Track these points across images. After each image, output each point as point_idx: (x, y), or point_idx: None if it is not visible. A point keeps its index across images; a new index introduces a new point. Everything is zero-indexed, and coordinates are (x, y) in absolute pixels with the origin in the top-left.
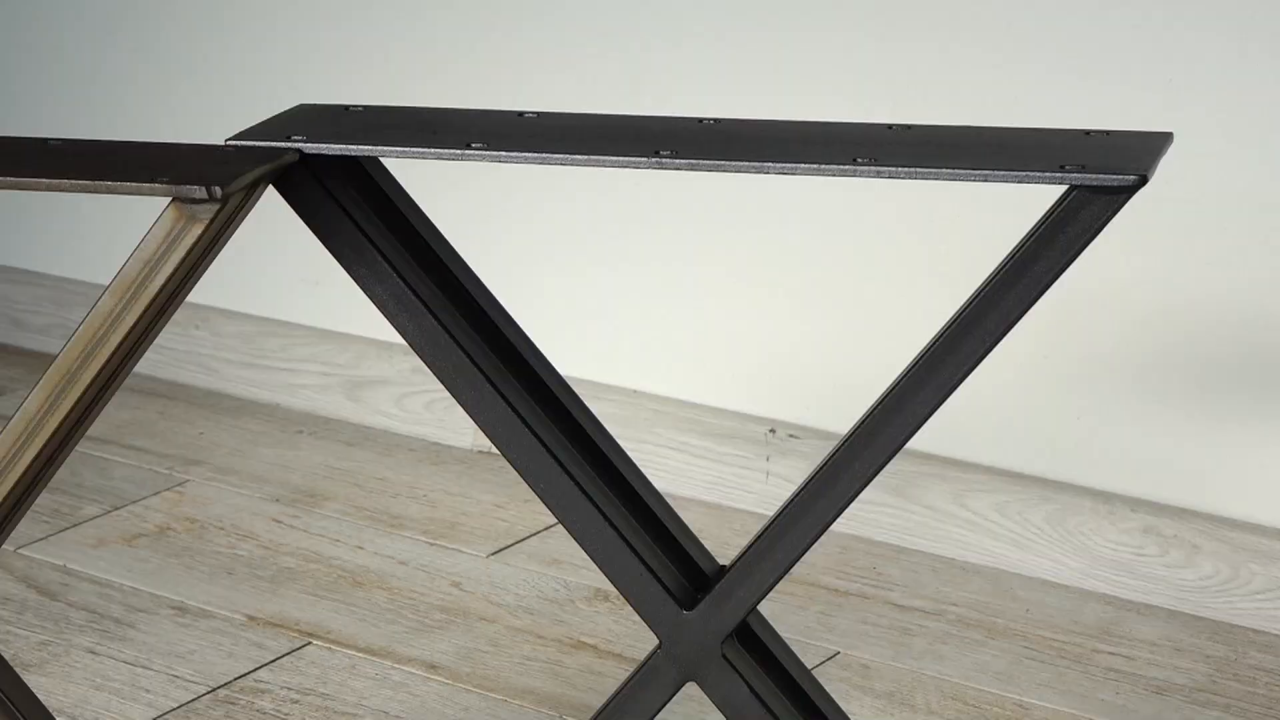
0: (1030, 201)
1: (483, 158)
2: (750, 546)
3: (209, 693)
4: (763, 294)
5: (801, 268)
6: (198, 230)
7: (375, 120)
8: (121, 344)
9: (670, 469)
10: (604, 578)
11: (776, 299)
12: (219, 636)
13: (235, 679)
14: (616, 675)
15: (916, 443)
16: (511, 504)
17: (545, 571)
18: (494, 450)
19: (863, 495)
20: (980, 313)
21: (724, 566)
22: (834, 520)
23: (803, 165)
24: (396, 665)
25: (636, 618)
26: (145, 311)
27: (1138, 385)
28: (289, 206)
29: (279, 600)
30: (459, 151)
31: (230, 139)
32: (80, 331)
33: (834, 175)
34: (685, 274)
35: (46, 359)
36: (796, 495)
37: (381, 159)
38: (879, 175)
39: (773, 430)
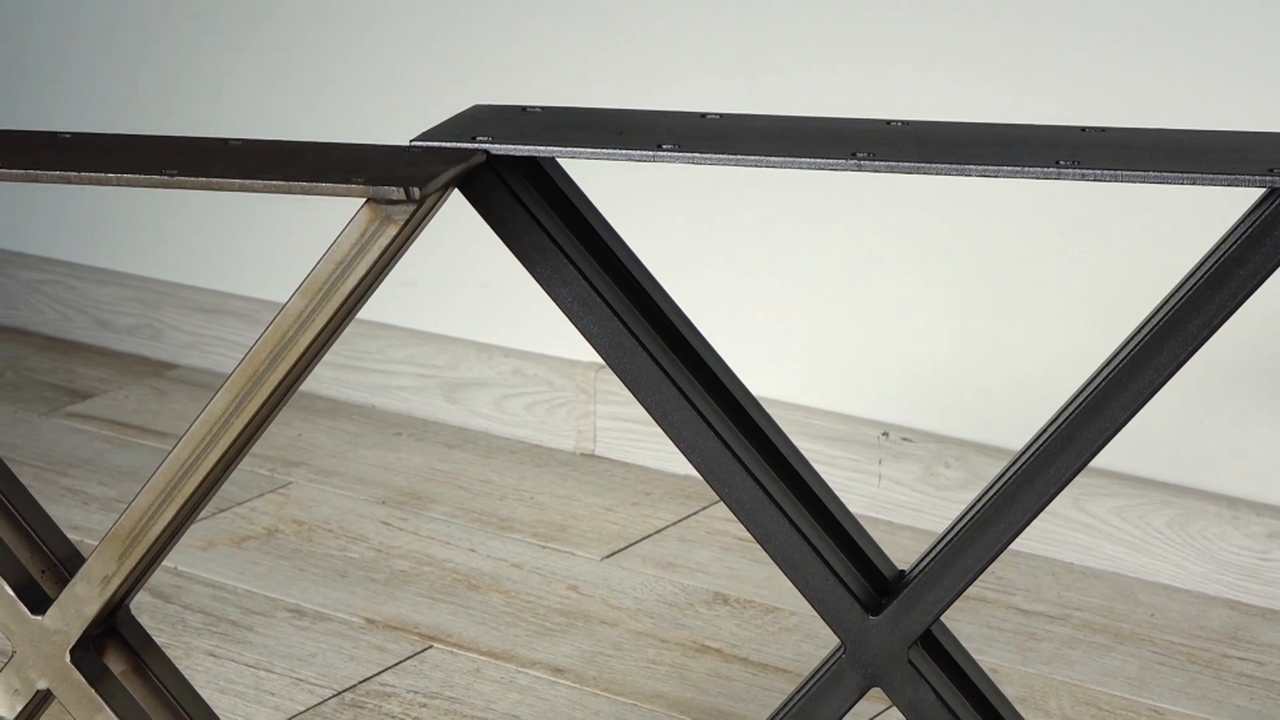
0: (1158, 207)
1: (675, 159)
2: (939, 550)
3: (334, 696)
4: (876, 296)
5: (913, 270)
6: (392, 231)
7: (556, 121)
8: (310, 346)
9: None
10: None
11: (889, 301)
12: (338, 639)
13: (360, 682)
14: (744, 680)
15: None
16: (620, 506)
17: (661, 575)
18: (596, 452)
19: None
20: (1183, 317)
21: (903, 572)
22: (1028, 524)
23: (1005, 168)
24: (521, 669)
25: (759, 622)
26: (335, 313)
27: (1263, 389)
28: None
29: (396, 603)
30: (650, 153)
31: (414, 139)
32: (268, 333)
33: (1036, 178)
34: (797, 276)
35: (133, 360)
36: (988, 497)
37: (559, 160)
38: (1083, 178)
39: (885, 433)
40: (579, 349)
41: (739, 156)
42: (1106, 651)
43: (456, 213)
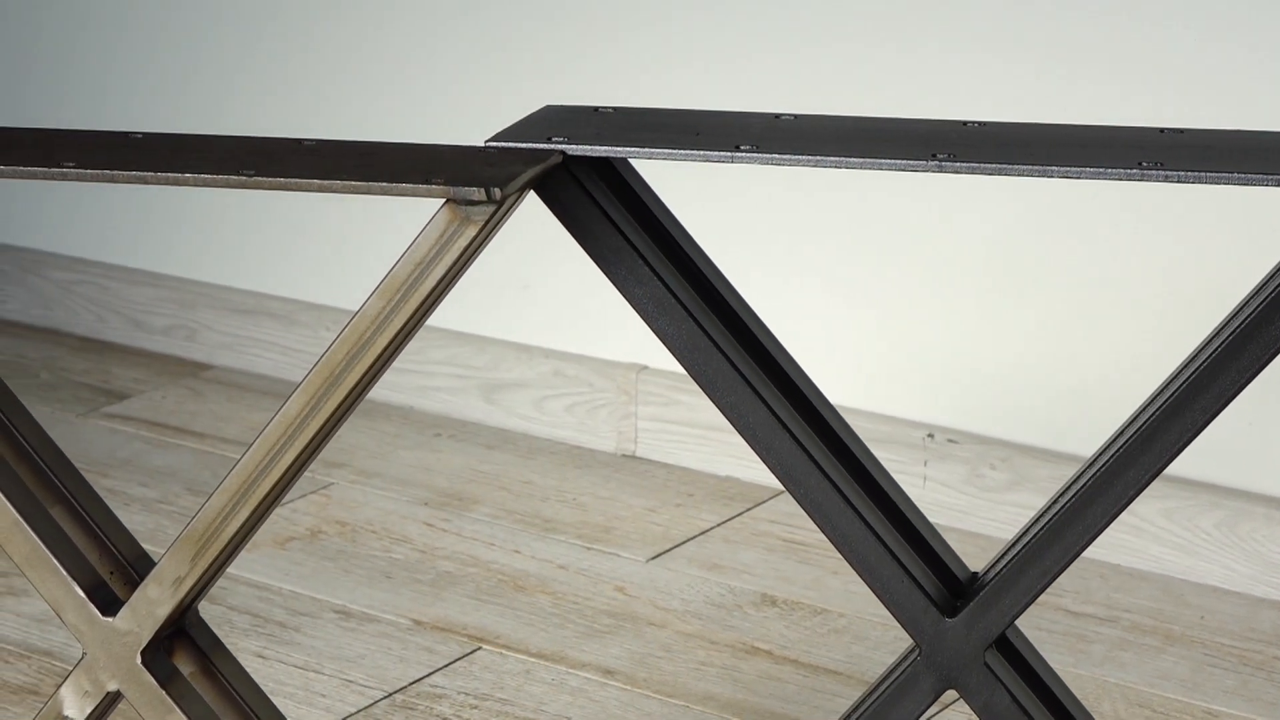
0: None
1: (753, 160)
2: (1016, 552)
3: (385, 697)
4: (921, 297)
5: (958, 272)
6: (471, 232)
7: (629, 121)
8: (387, 347)
9: None
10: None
11: (935, 303)
12: (386, 640)
13: (410, 684)
14: (796, 681)
15: (1081, 448)
16: (663, 508)
17: (708, 576)
18: (637, 454)
19: (1027, 502)
20: (1266, 319)
21: (975, 574)
22: (1106, 526)
23: (1088, 169)
24: (571, 670)
25: (808, 623)
26: (413, 315)
27: None
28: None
29: (442, 604)
30: (728, 154)
31: (490, 140)
32: (345, 334)
33: (1119, 179)
34: (840, 278)
35: (168, 360)
36: (1066, 499)
37: (631, 161)
38: (1167, 179)
39: (931, 435)
40: (620, 350)
41: (819, 157)
42: (1158, 654)
43: None
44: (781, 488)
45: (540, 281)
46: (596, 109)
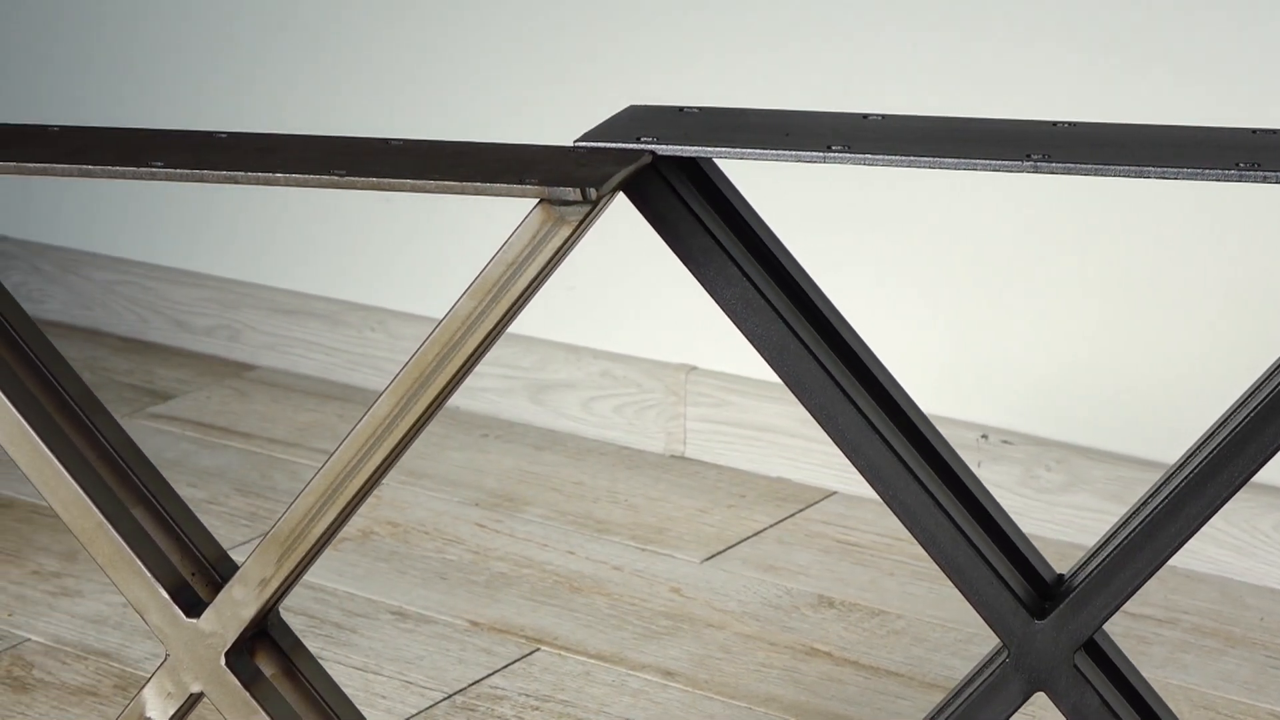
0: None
1: (846, 160)
2: (1106, 554)
3: (445, 699)
4: (974, 297)
5: (1012, 272)
6: (565, 232)
7: (716, 121)
8: (478, 348)
9: None
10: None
11: (989, 302)
12: (444, 642)
13: (469, 685)
14: (857, 683)
15: (1137, 449)
16: (715, 509)
17: (763, 578)
18: (686, 454)
19: (1083, 503)
20: None
21: (1061, 575)
22: (1198, 529)
23: (1185, 169)
24: (631, 672)
25: (867, 625)
26: (504, 315)
27: None
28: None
29: (498, 605)
30: (820, 154)
31: (578, 140)
32: (436, 335)
33: (1215, 180)
34: (893, 276)
35: (211, 361)
36: (1159, 502)
37: (716, 160)
38: (1265, 180)
39: (985, 436)
40: (669, 351)
41: (912, 158)
42: (1219, 655)
43: None
44: (834, 489)
45: (588, 282)
46: (681, 109)
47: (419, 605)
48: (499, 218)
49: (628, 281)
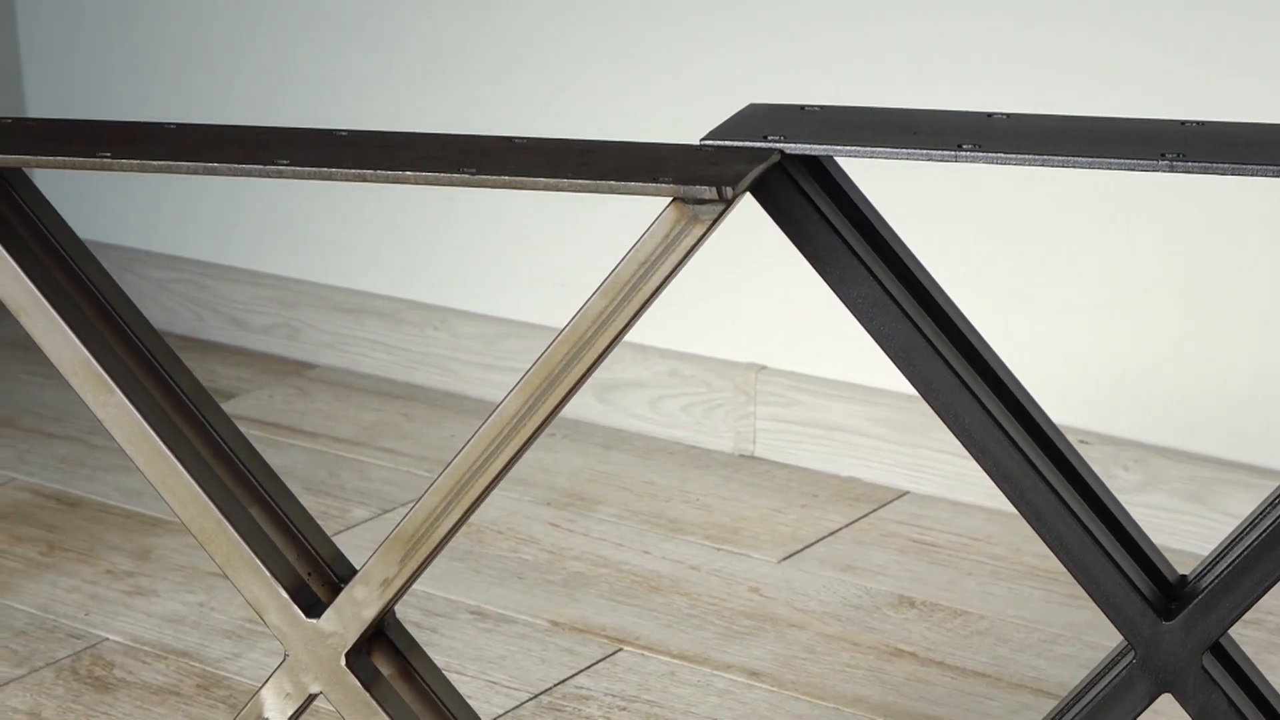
0: None
1: (977, 159)
2: (1237, 555)
3: (531, 699)
4: (1047, 297)
5: (1090, 271)
6: (699, 231)
7: (840, 120)
8: (609, 346)
9: (950, 474)
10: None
11: (1065, 301)
12: (525, 641)
13: (554, 685)
14: (944, 684)
15: (1215, 449)
16: (788, 509)
17: (842, 577)
18: (755, 454)
19: (1160, 503)
20: None
21: (1184, 576)
22: None
23: None
24: (716, 672)
25: (949, 625)
26: (635, 314)
27: None
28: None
29: (577, 605)
30: (951, 153)
31: (704, 138)
32: (566, 333)
33: None
34: (972, 275)
35: (270, 360)
36: None
37: (838, 159)
38: None
39: None
40: (737, 350)
41: (1045, 157)
42: None
43: (604, 210)
44: (906, 489)
45: None
46: (803, 107)
47: (497, 605)
48: (563, 217)
49: (695, 281)
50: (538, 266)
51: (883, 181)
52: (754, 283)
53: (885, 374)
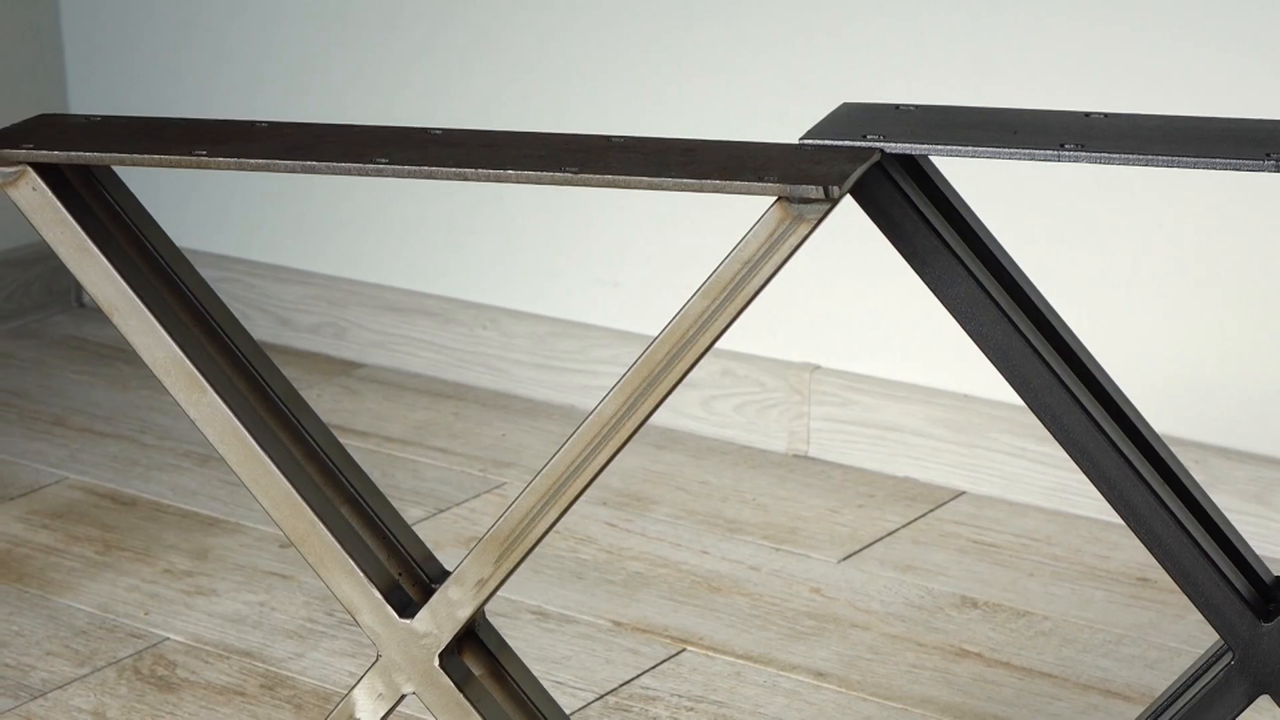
0: None
1: (1079, 159)
2: None
3: (597, 699)
4: (1107, 296)
5: (1155, 271)
6: (804, 230)
7: (936, 119)
8: (709, 346)
9: (1005, 474)
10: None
11: (1122, 301)
12: (589, 642)
13: (619, 685)
14: (1011, 685)
15: (1278, 450)
16: (845, 509)
17: (903, 578)
18: (809, 454)
19: (1222, 504)
20: None
21: (1279, 577)
22: None
23: None
24: (782, 672)
25: (1013, 626)
26: (737, 313)
27: None
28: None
29: (639, 605)
30: (1054, 152)
31: (803, 138)
32: (666, 334)
33: None
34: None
35: (317, 359)
36: None
37: (933, 158)
38: None
39: None
40: (791, 349)
41: (1149, 156)
42: None
43: (656, 208)
44: (962, 489)
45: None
46: (897, 107)
47: (558, 605)
48: (610, 215)
49: None
50: (589, 265)
51: (959, 181)
52: (808, 282)
53: (940, 373)
